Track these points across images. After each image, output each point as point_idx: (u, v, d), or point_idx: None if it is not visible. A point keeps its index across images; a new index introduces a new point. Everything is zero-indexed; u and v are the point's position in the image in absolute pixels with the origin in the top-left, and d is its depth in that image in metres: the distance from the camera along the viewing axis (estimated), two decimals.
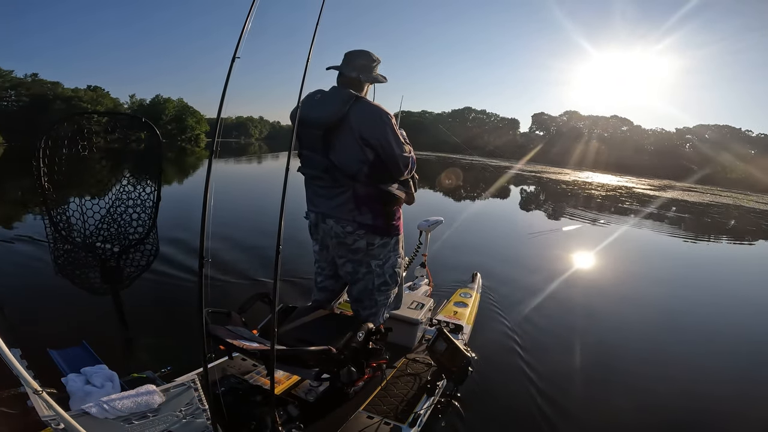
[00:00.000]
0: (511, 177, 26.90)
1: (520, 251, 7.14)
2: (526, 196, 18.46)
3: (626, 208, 15.60)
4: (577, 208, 14.17)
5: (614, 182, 31.50)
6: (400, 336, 2.56)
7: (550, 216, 12.42)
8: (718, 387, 3.15)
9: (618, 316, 4.41)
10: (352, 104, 1.74)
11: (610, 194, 20.97)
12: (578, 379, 3.04)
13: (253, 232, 6.38)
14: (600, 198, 18.85)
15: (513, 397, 2.75)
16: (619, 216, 13.18)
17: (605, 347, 3.60)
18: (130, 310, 2.13)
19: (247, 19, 1.27)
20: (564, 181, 26.82)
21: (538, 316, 4.10)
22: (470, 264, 4.94)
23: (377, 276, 1.99)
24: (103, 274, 2.08)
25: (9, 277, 4.02)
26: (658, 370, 3.29)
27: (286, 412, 1.86)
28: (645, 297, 5.23)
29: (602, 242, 8.28)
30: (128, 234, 2.15)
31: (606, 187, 25.80)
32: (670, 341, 3.94)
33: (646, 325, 4.24)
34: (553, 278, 5.29)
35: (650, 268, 6.95)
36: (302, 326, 1.97)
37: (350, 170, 1.79)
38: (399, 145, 1.78)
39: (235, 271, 4.52)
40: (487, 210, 12.59)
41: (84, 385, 1.38)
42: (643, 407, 2.77)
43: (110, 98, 50.11)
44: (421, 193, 11.56)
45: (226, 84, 1.27)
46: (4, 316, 1.52)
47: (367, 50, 1.92)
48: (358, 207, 1.84)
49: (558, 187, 23.10)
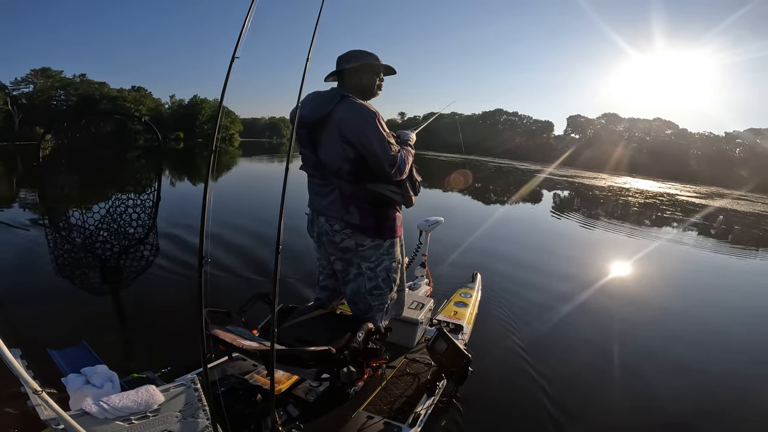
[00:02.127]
0: (538, 181, 24.51)
1: (530, 257, 6.82)
2: (547, 201, 16.28)
3: (667, 218, 13.79)
4: (601, 215, 12.73)
5: (655, 188, 28.46)
6: (400, 336, 2.56)
7: (564, 221, 11.30)
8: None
9: (631, 323, 4.24)
10: (337, 103, 1.75)
11: (649, 202, 18.76)
12: (579, 379, 3.04)
13: (254, 231, 6.38)
14: (636, 206, 16.63)
15: (513, 397, 2.74)
16: (658, 227, 11.84)
17: (607, 348, 3.60)
18: (130, 310, 2.13)
19: (246, 18, 1.27)
20: (597, 187, 24.48)
21: (539, 316, 4.10)
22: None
23: (369, 279, 1.96)
24: (103, 274, 2.08)
25: (9, 277, 4.02)
26: (657, 371, 3.29)
27: (286, 412, 1.87)
28: (666, 307, 4.88)
29: (626, 251, 7.72)
30: (128, 234, 2.15)
31: (645, 193, 23.14)
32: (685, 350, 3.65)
33: (647, 327, 4.23)
34: (565, 283, 5.23)
35: (681, 280, 6.44)
36: (302, 326, 1.97)
37: (333, 167, 1.81)
38: (382, 144, 1.75)
39: (235, 271, 4.53)
40: (502, 215, 11.56)
41: (84, 385, 1.38)
42: (635, 407, 2.77)
43: (152, 98, 51.17)
44: (433, 195, 11.21)
45: (225, 84, 1.28)
46: (4, 316, 1.52)
47: (355, 49, 1.92)
48: (345, 206, 1.85)
49: (589, 192, 20.86)
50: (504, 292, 4.53)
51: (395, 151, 1.80)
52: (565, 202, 16.99)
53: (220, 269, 4.42)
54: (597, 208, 15.41)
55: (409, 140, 2.03)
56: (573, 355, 3.39)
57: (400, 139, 1.99)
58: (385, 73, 2.00)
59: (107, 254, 2.06)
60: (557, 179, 27.89)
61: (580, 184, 25.18)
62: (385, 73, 2.00)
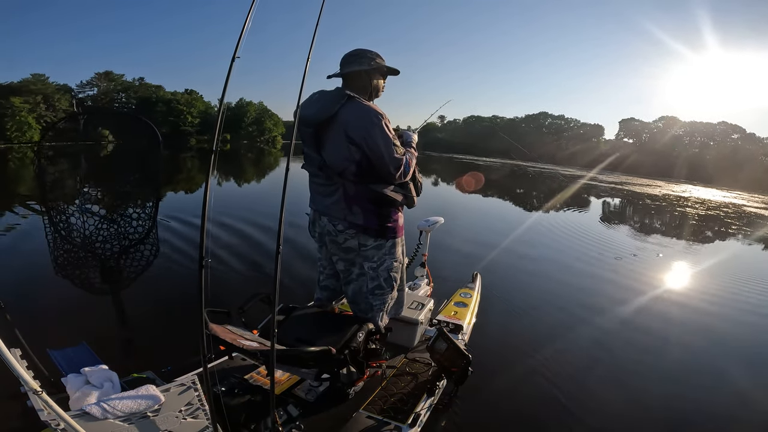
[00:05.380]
0: (579, 188, 21.85)
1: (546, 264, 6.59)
2: (586, 210, 13.82)
3: (731, 233, 11.56)
4: (649, 229, 11.00)
5: (719, 198, 24.76)
6: (400, 336, 2.56)
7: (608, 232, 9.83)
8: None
9: (639, 329, 4.15)
10: (343, 103, 1.75)
11: (710, 213, 16.00)
12: (579, 380, 3.04)
13: (255, 230, 6.38)
14: (696, 218, 14.16)
15: (513, 397, 2.74)
16: (719, 241, 10.31)
17: (608, 348, 3.60)
18: (130, 310, 2.13)
19: (247, 18, 1.27)
20: (651, 195, 21.72)
21: (541, 317, 4.11)
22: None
23: (371, 279, 1.98)
24: (103, 274, 2.08)
25: (9, 277, 4.02)
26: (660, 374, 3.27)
27: (286, 412, 1.87)
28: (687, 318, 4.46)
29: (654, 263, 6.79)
30: (128, 234, 2.15)
31: (707, 204, 20.19)
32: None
33: (651, 330, 4.22)
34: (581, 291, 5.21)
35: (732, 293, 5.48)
36: (302, 326, 1.97)
37: (338, 168, 1.81)
38: (387, 145, 1.76)
39: (235, 271, 4.53)
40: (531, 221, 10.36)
41: (84, 385, 1.38)
42: (636, 407, 2.77)
43: (203, 101, 52.54)
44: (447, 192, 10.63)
45: (225, 83, 1.28)
46: (4, 316, 1.52)
47: (361, 48, 1.92)
48: (348, 206, 1.85)
49: (640, 201, 18.43)
50: (504, 292, 4.53)
51: (401, 154, 1.81)
52: (586, 203, 15.69)
53: (221, 269, 4.42)
54: (644, 217, 13.74)
55: (411, 141, 2.05)
56: (573, 356, 3.39)
57: (402, 139, 1.99)
58: (389, 74, 2.00)
59: (107, 254, 2.06)
60: (603, 186, 25.06)
61: (629, 192, 22.68)
62: (389, 74, 2.00)
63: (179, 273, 4.29)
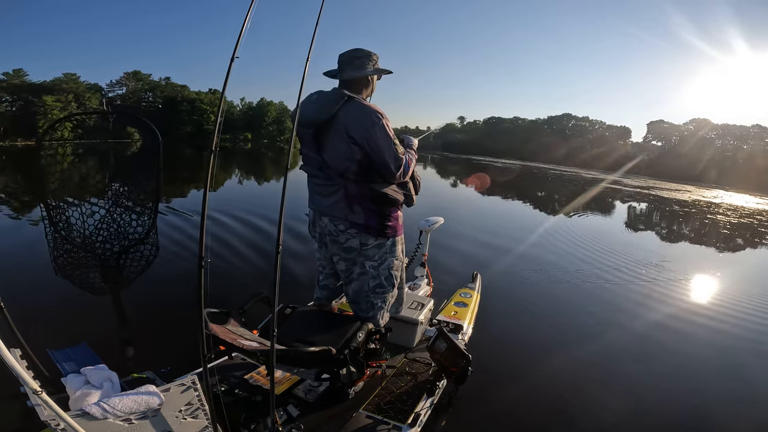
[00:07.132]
0: (598, 193, 20.85)
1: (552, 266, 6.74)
2: (606, 217, 13.05)
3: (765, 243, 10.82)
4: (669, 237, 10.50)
5: (752, 205, 22.99)
6: (400, 336, 2.56)
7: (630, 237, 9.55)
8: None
9: (637, 332, 4.07)
10: (343, 104, 1.75)
11: (744, 221, 14.82)
12: (579, 380, 3.04)
13: (254, 230, 6.38)
14: (728, 226, 13.10)
15: (513, 397, 2.74)
16: (750, 249, 9.77)
17: (608, 349, 3.60)
18: (130, 310, 2.13)
19: (246, 19, 1.27)
20: (679, 201, 20.71)
21: (541, 317, 4.10)
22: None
23: (372, 278, 1.99)
24: (103, 274, 2.08)
25: (9, 277, 4.02)
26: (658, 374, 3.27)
27: (286, 412, 1.87)
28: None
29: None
30: (128, 234, 2.14)
31: (740, 211, 18.91)
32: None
33: (654, 333, 4.22)
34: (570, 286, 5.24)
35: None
36: (302, 326, 1.98)
37: (339, 168, 1.82)
38: (389, 144, 1.77)
39: (235, 271, 4.53)
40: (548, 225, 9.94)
41: (84, 385, 1.38)
42: (636, 407, 2.76)
43: (225, 100, 53.42)
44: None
45: (225, 84, 1.28)
46: (4, 316, 1.52)
47: (359, 47, 1.92)
48: (350, 206, 1.86)
49: (667, 208, 17.60)
50: (505, 293, 4.53)
51: (401, 153, 1.82)
52: (600, 206, 15.13)
53: (221, 269, 4.42)
54: (669, 223, 13.15)
55: (412, 144, 2.07)
56: (573, 356, 3.39)
57: (404, 143, 2.01)
58: (384, 73, 1.99)
59: (107, 254, 2.06)
60: (627, 191, 23.91)
61: (655, 197, 21.61)
62: (384, 73, 1.99)
63: (179, 273, 4.29)
